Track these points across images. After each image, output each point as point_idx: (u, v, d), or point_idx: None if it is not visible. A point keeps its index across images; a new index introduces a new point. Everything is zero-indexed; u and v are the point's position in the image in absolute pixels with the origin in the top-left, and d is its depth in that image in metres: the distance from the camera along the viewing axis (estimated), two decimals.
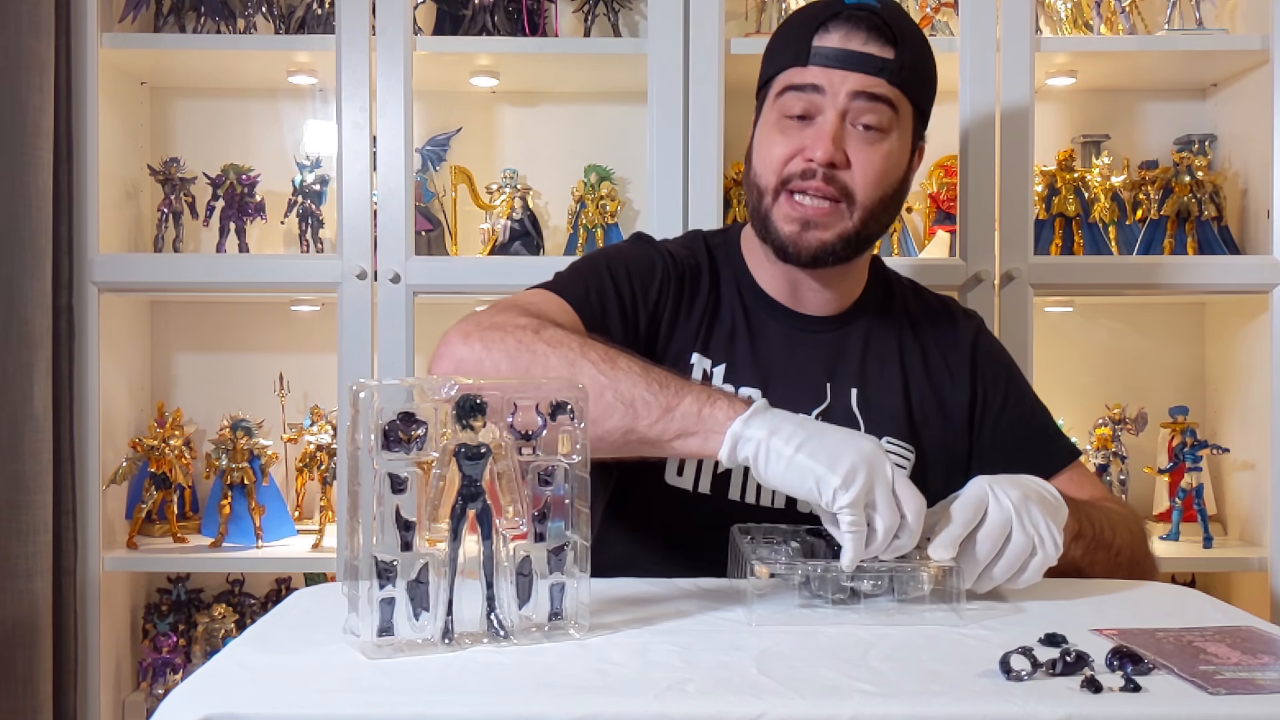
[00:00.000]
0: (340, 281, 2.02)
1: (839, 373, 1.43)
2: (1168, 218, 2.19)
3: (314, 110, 2.35)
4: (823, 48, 1.35)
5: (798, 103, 1.36)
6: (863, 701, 0.82)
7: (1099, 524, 1.29)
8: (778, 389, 1.39)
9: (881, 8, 1.36)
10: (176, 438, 2.20)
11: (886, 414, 1.42)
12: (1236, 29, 2.21)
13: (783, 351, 1.43)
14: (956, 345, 1.49)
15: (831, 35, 1.35)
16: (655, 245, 1.48)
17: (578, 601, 1.02)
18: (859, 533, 1.04)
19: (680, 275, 1.43)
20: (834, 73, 1.34)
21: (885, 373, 1.44)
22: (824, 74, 1.35)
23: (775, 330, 1.45)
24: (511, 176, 2.25)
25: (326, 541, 2.14)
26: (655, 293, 1.41)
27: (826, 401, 1.40)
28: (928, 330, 1.49)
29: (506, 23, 2.18)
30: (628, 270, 1.41)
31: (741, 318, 1.45)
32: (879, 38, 1.34)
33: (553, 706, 0.82)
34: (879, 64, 1.34)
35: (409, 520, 0.96)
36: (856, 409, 1.41)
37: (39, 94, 1.93)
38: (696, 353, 1.42)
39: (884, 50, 1.35)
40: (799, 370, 1.42)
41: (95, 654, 2.03)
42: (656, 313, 1.41)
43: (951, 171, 2.19)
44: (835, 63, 1.34)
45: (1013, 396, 1.49)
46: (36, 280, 1.94)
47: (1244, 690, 0.85)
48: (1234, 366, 2.26)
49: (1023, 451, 1.44)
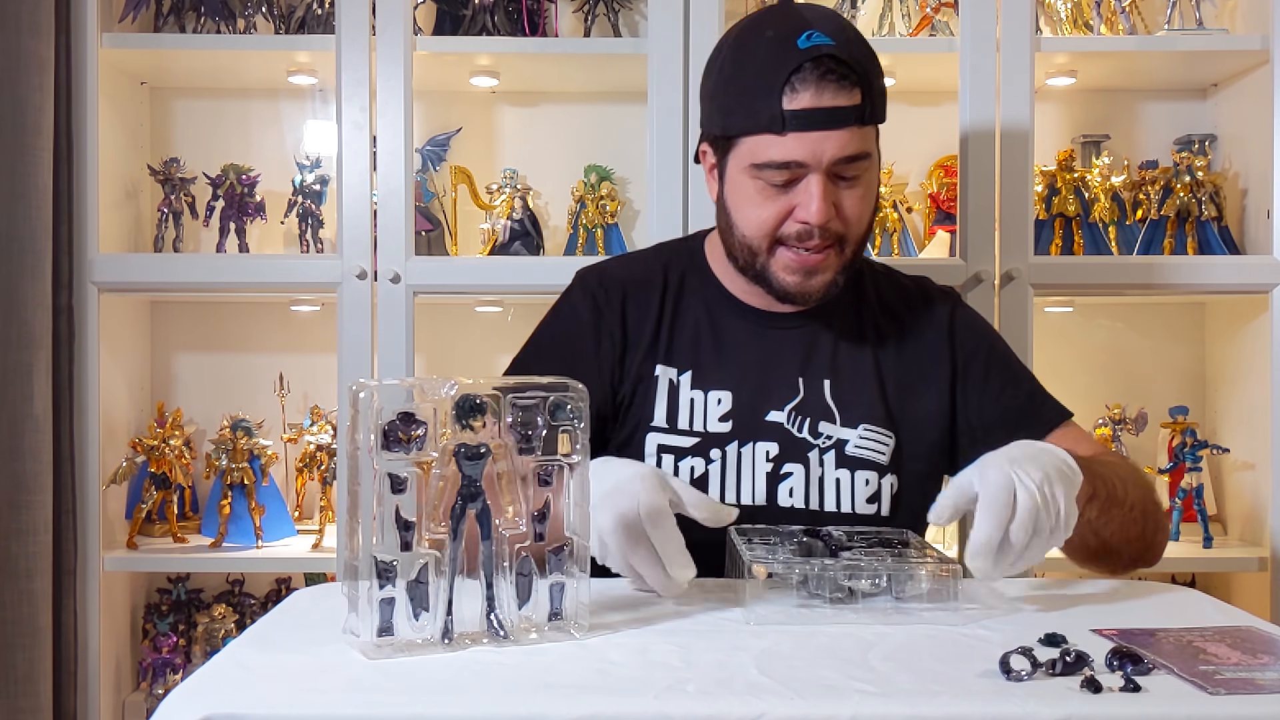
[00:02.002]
0: (340, 281, 2.02)
1: (811, 366, 1.44)
2: (1168, 218, 2.19)
3: (314, 110, 2.34)
4: (796, 111, 1.31)
5: (780, 175, 1.34)
6: (863, 701, 0.82)
7: (1110, 482, 1.28)
8: (749, 388, 1.42)
9: (838, 45, 1.32)
10: (176, 438, 2.20)
11: (862, 402, 1.43)
12: (1236, 29, 2.21)
13: (753, 351, 1.45)
14: (933, 324, 1.49)
15: (801, 95, 1.31)
16: (583, 286, 1.50)
17: (578, 601, 1.02)
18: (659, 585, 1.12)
19: (619, 301, 1.47)
20: (813, 138, 1.32)
21: (859, 361, 1.45)
22: (802, 144, 1.32)
23: (744, 330, 1.46)
24: (511, 176, 2.25)
25: (326, 541, 2.14)
26: (592, 340, 1.45)
27: (800, 395, 1.42)
28: (903, 313, 1.50)
29: (506, 23, 2.18)
30: (554, 344, 1.47)
31: (707, 323, 1.47)
32: (847, 84, 1.32)
33: (553, 706, 0.82)
34: (853, 115, 1.32)
35: (409, 520, 0.96)
36: (830, 400, 1.43)
37: (39, 94, 1.93)
38: (660, 364, 1.44)
39: (853, 95, 1.32)
40: (770, 367, 1.44)
41: (95, 654, 2.03)
42: (603, 352, 1.45)
43: (951, 171, 2.19)
44: (811, 125, 1.31)
45: (995, 366, 1.49)
46: (36, 280, 1.94)
47: (1244, 690, 0.85)
48: (1234, 366, 2.26)
49: (1012, 419, 1.44)
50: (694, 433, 1.42)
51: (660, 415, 1.42)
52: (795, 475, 1.41)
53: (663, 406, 1.43)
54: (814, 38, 1.31)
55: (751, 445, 1.41)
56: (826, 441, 1.41)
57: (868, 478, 1.41)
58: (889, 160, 2.24)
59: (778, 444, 1.41)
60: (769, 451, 1.41)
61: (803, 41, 1.31)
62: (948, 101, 2.14)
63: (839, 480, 1.41)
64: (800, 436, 1.41)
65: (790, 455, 1.41)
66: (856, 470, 1.41)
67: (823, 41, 1.31)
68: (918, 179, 2.34)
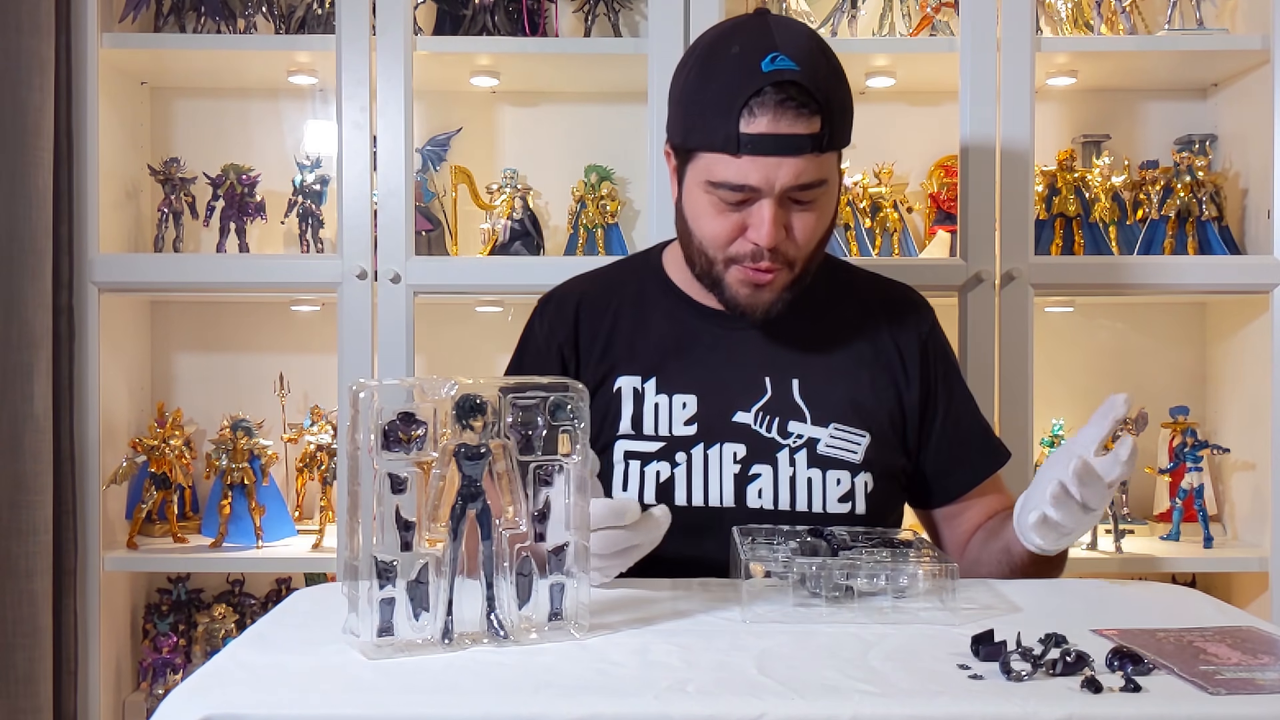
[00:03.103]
0: (340, 281, 2.02)
1: (778, 365, 1.45)
2: (1168, 218, 2.19)
3: (314, 110, 2.34)
4: (751, 135, 1.31)
5: (733, 195, 1.35)
6: (863, 701, 0.82)
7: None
8: (714, 390, 1.43)
9: (803, 71, 1.31)
10: (177, 438, 2.20)
11: (833, 401, 1.44)
12: (1237, 29, 2.21)
13: (717, 354, 1.46)
14: (909, 336, 1.50)
15: (758, 120, 1.30)
16: (540, 312, 1.55)
17: (578, 601, 1.02)
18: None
19: (571, 317, 1.51)
20: (767, 163, 1.31)
21: (832, 362, 1.46)
22: (756, 169, 1.32)
23: (709, 334, 1.47)
24: (511, 176, 2.25)
25: (326, 541, 2.14)
26: (554, 360, 1.49)
27: (768, 394, 1.43)
28: (881, 318, 1.50)
29: (506, 23, 2.18)
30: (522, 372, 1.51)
31: (669, 330, 1.48)
32: (806, 112, 1.31)
33: (553, 706, 0.82)
34: (808, 143, 1.31)
35: (409, 520, 0.96)
36: (800, 398, 1.43)
37: (39, 94, 1.93)
38: (622, 375, 1.46)
39: (811, 124, 1.31)
40: (736, 368, 1.45)
41: (95, 654, 2.03)
42: (565, 371, 1.49)
43: (952, 171, 2.19)
44: (766, 150, 1.31)
45: (957, 395, 1.51)
46: (36, 280, 1.94)
47: (1244, 690, 0.85)
48: (1234, 366, 2.26)
49: (965, 450, 1.49)
50: (659, 437, 1.42)
51: (626, 424, 1.44)
52: (764, 476, 1.41)
53: (628, 414, 1.44)
54: (778, 61, 1.30)
55: (719, 447, 1.41)
56: (797, 441, 1.42)
57: (839, 477, 1.41)
58: (889, 160, 2.24)
59: (745, 445, 1.42)
60: (736, 453, 1.41)
61: (766, 64, 1.30)
62: (948, 101, 2.14)
63: (810, 480, 1.41)
64: (768, 437, 1.42)
65: (758, 456, 1.41)
66: (828, 470, 1.41)
67: (786, 66, 1.30)
68: (918, 179, 2.34)
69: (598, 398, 1.45)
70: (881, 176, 2.23)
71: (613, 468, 1.42)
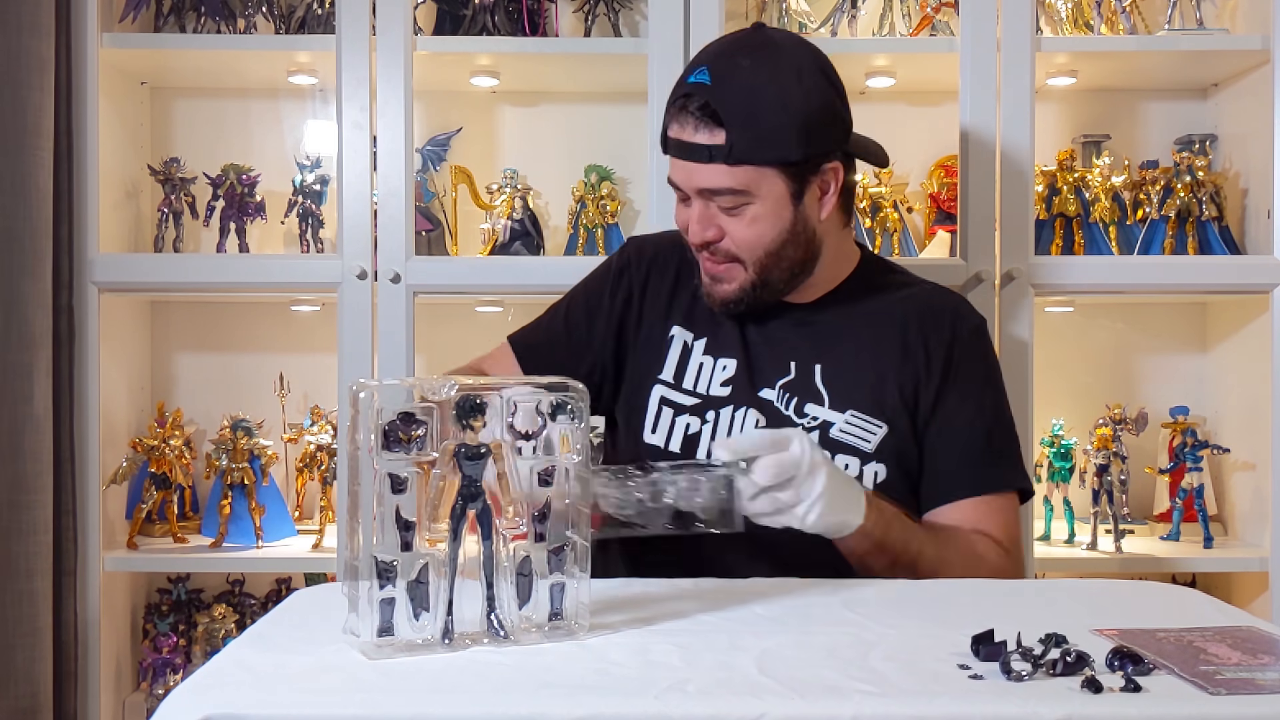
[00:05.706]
0: (340, 281, 2.02)
1: (805, 350, 1.49)
2: (1168, 218, 2.19)
3: (314, 110, 2.34)
4: (670, 139, 1.42)
5: (677, 191, 1.45)
6: (863, 701, 0.82)
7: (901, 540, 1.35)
8: (748, 362, 1.50)
9: (714, 82, 1.37)
10: (177, 438, 2.20)
11: (853, 390, 1.47)
12: (1237, 29, 2.20)
13: (757, 331, 1.52)
14: (939, 338, 1.50)
15: (673, 126, 1.41)
16: (621, 250, 1.63)
17: (578, 601, 1.02)
18: None
19: (646, 263, 1.58)
20: (681, 165, 1.42)
21: (858, 353, 1.49)
22: (676, 169, 1.43)
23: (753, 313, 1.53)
24: (512, 176, 2.25)
25: (326, 541, 2.14)
26: (609, 291, 1.57)
27: (792, 374, 1.48)
28: (915, 319, 1.51)
29: (507, 23, 2.18)
30: (585, 294, 1.60)
31: None
32: (708, 122, 1.37)
33: (553, 706, 0.82)
34: (708, 153, 1.38)
35: (409, 520, 0.96)
36: (821, 384, 1.48)
37: (39, 94, 1.93)
38: (677, 325, 1.54)
39: (713, 136, 1.37)
40: (771, 346, 1.51)
41: (95, 654, 2.03)
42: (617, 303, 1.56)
43: (952, 171, 2.19)
44: (678, 154, 1.41)
45: (970, 407, 1.49)
46: (36, 280, 1.93)
47: (1244, 690, 0.85)
48: (1234, 367, 2.26)
49: (953, 461, 1.47)
50: (696, 394, 1.50)
51: (669, 371, 1.52)
52: None
53: (673, 364, 1.52)
54: (698, 74, 1.38)
55: (745, 410, 1.47)
56: (812, 423, 1.46)
57: (848, 462, 1.44)
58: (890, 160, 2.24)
59: (765, 418, 1.47)
60: (758, 421, 1.46)
61: (691, 75, 1.40)
62: (948, 101, 2.14)
63: None
64: (786, 414, 1.46)
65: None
66: (838, 454, 1.44)
67: (700, 80, 1.38)
68: (918, 179, 2.34)
69: (649, 337, 1.54)
70: (881, 176, 2.23)
71: (646, 407, 1.51)
